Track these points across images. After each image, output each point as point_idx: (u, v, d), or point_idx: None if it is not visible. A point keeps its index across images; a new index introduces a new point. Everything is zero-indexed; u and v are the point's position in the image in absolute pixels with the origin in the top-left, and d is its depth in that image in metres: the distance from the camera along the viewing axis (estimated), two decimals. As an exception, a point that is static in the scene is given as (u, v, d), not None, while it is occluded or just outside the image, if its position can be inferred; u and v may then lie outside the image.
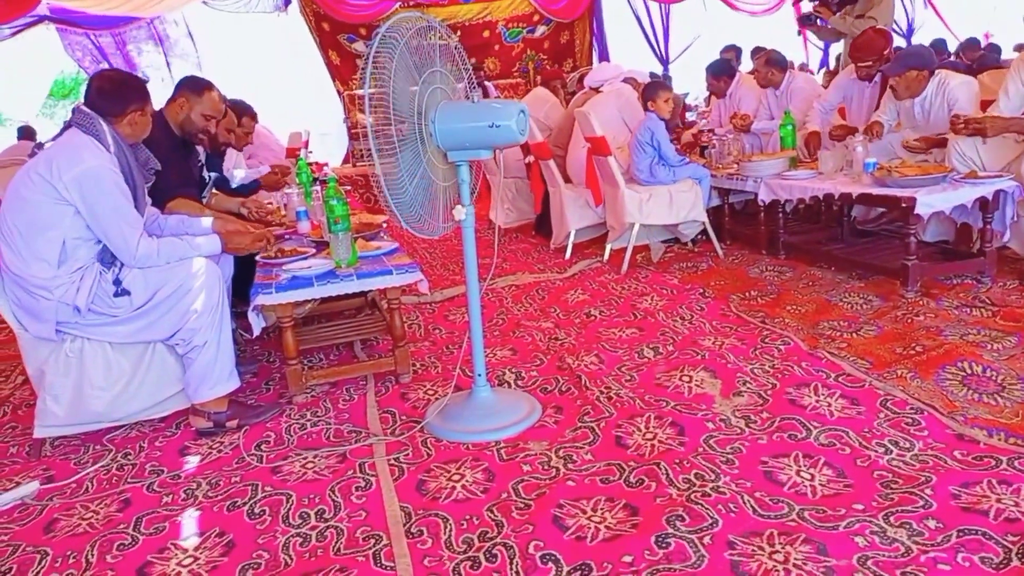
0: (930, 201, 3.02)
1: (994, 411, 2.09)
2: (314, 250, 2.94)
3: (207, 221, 2.66)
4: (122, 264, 2.35)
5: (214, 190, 3.31)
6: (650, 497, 1.83)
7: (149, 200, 2.58)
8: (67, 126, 2.37)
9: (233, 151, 3.93)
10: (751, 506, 1.74)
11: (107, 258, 2.35)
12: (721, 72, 5.11)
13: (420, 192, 2.13)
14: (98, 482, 2.24)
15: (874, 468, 1.86)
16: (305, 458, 2.24)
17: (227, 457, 2.31)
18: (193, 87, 2.91)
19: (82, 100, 2.44)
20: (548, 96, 5.28)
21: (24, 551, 1.88)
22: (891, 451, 1.93)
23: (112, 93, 2.38)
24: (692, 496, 1.81)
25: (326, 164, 5.80)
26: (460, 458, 2.15)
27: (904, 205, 3.05)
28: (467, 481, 2.01)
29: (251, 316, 2.50)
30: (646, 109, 4.11)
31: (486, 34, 9.62)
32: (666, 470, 1.95)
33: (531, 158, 4.82)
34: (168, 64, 8.97)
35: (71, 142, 2.30)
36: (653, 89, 4.17)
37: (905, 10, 10.36)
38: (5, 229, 2.29)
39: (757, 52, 6.52)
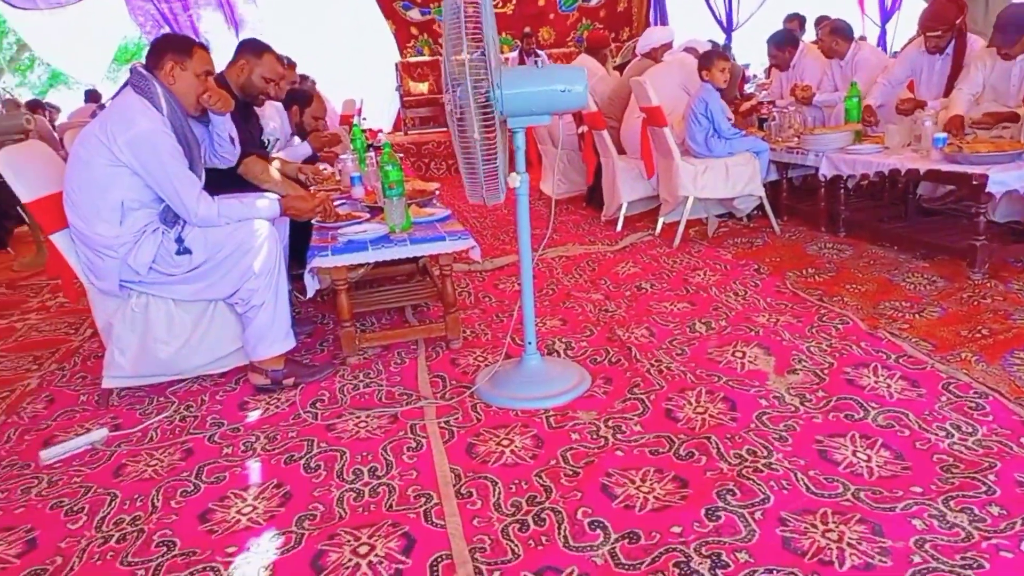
0: (1004, 179, 2.89)
1: (1065, 399, 2.02)
2: (368, 215, 2.97)
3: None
4: (184, 223, 2.41)
5: (279, 154, 3.37)
6: (700, 471, 1.83)
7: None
8: (124, 85, 2.42)
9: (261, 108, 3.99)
10: (804, 484, 1.72)
11: (170, 217, 2.41)
12: (784, 43, 4.93)
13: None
14: (162, 432, 2.33)
15: (934, 452, 1.81)
16: (358, 417, 2.29)
17: (284, 413, 2.38)
18: (253, 50, 2.95)
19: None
20: (596, 66, 5.18)
21: (95, 492, 1.98)
22: (953, 435, 1.88)
23: (154, 47, 2.43)
24: (743, 471, 1.79)
25: (380, 131, 5.83)
26: (509, 424, 2.17)
27: (975, 183, 2.92)
28: (516, 446, 2.03)
29: (307, 278, 2.55)
30: (701, 78, 4.01)
31: (541, 2, 9.49)
32: (717, 444, 1.93)
33: (584, 128, 4.76)
34: (236, 28, 9.08)
35: (124, 103, 2.34)
36: (709, 57, 4.04)
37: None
38: (69, 190, 2.36)
39: (821, 21, 6.27)
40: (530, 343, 2.45)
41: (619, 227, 4.57)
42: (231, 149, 2.67)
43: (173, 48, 2.40)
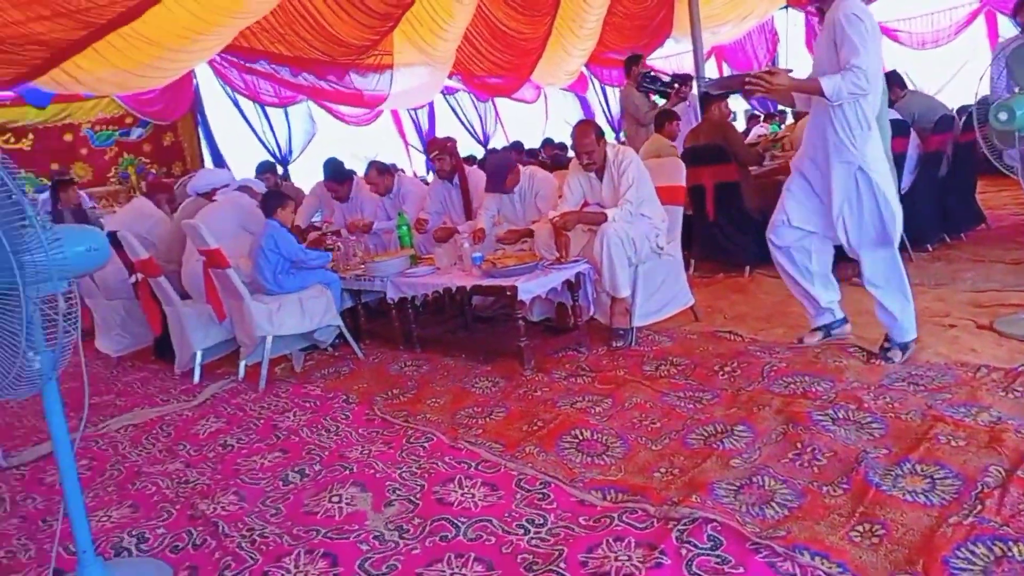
0: (529, 287, 3.44)
1: (604, 470, 2.40)
2: None
3: None
4: None
5: None
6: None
7: None
8: None
9: None
10: (411, 629, 1.70)
11: None
12: (342, 177, 5.25)
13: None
14: None
15: (517, 552, 1.97)
16: None
17: None
18: None
19: None
20: (152, 209, 4.84)
21: None
22: (529, 530, 2.07)
23: None
24: (351, 636, 1.69)
25: None
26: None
27: (508, 293, 3.43)
28: None
29: None
30: (268, 217, 4.03)
31: (68, 137, 8.55)
32: (321, 613, 1.80)
33: (138, 276, 4.32)
34: None
35: None
36: (274, 201, 4.13)
37: (481, 121, 12.22)
38: None
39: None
40: (84, 552, 2.02)
41: (196, 378, 4.19)
42: None
43: None
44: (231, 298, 4.01)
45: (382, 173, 4.96)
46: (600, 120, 12.33)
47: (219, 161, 9.47)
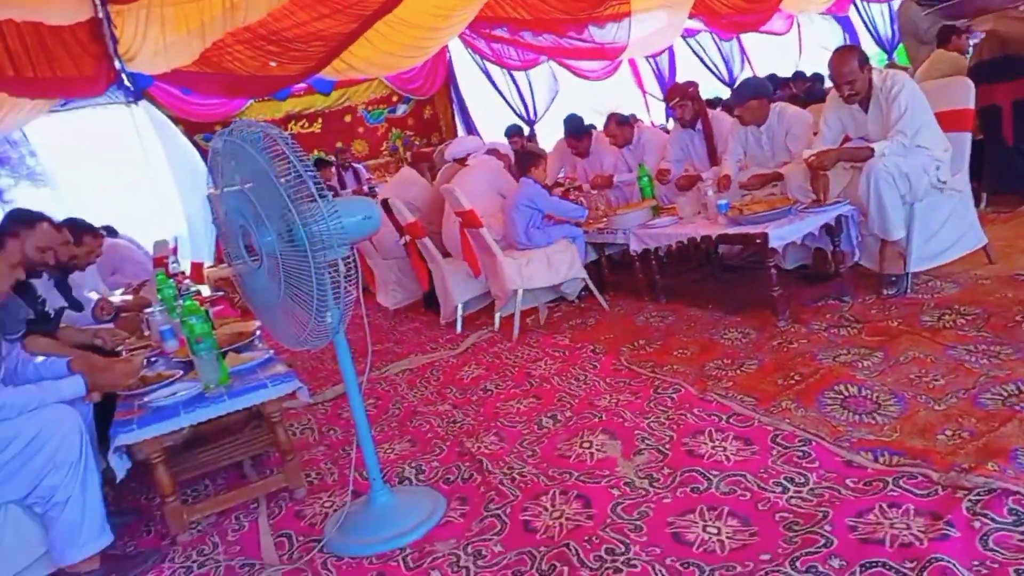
0: (781, 234, 3.21)
1: (875, 430, 2.19)
2: (182, 371, 2.74)
3: (63, 361, 2.44)
4: None
5: (62, 324, 3.05)
6: (564, 584, 1.77)
7: (16, 347, 2.37)
8: None
9: (83, 273, 3.69)
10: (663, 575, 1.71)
11: None
12: (581, 133, 5.32)
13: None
14: None
15: (775, 510, 1.88)
16: (193, 609, 2.03)
17: (103, 624, 2.06)
18: (21, 221, 2.71)
19: None
20: (416, 177, 5.31)
21: None
22: (788, 489, 1.97)
23: None
24: (604, 575, 1.76)
25: (186, 278, 5.50)
26: (363, 575, 2.02)
27: (758, 241, 3.22)
28: (373, 602, 1.88)
29: (112, 460, 2.28)
30: (525, 175, 4.24)
31: (348, 118, 9.68)
32: (576, 550, 1.89)
33: (407, 238, 4.79)
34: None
35: None
36: (527, 160, 4.33)
37: (726, 61, 11.45)
38: None
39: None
40: (375, 479, 2.32)
41: (459, 328, 4.57)
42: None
43: None
44: (485, 255, 4.29)
45: (621, 125, 4.91)
46: (866, 45, 10.96)
47: (471, 128, 10.09)
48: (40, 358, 2.47)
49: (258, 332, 3.16)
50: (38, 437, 2.13)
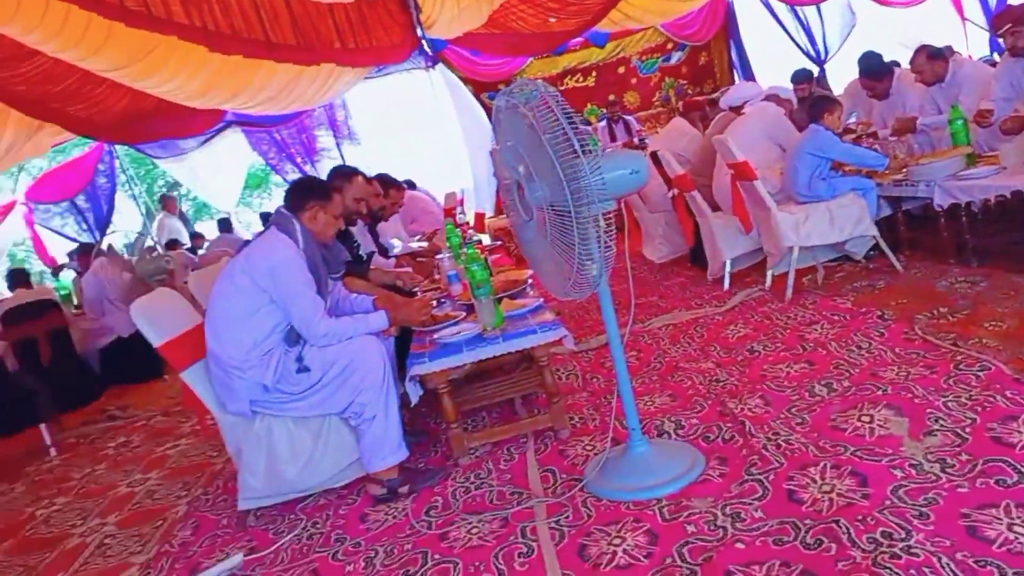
0: None
1: None
2: (464, 313, 3.05)
3: (370, 299, 2.87)
4: (304, 343, 2.59)
5: (372, 266, 3.55)
6: (830, 561, 1.67)
7: (338, 284, 2.87)
8: (268, 225, 2.70)
9: (387, 223, 4.23)
10: (951, 570, 1.53)
11: (291, 338, 2.60)
12: (880, 73, 4.70)
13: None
14: (292, 552, 2.43)
15: (1110, 520, 1.58)
16: (470, 523, 2.29)
17: (400, 524, 2.42)
18: (342, 176, 3.17)
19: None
20: (687, 128, 5.16)
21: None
22: None
23: (296, 193, 2.71)
24: (879, 559, 1.63)
25: (470, 227, 6.00)
26: (621, 519, 2.10)
27: (1119, 194, 2.62)
28: (628, 545, 1.95)
29: (408, 386, 2.63)
30: (818, 122, 3.90)
31: (621, 70, 9.68)
32: (847, 528, 1.77)
33: (675, 191, 4.70)
34: (339, 146, 9.75)
35: (267, 238, 2.64)
36: (821, 106, 3.96)
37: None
38: (213, 316, 2.64)
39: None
40: (634, 429, 2.38)
41: (726, 285, 4.42)
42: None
43: (316, 195, 2.69)
44: (758, 209, 4.06)
45: (933, 58, 4.23)
46: None
47: (748, 75, 9.48)
48: (354, 295, 2.92)
49: (530, 280, 3.37)
50: (352, 363, 2.55)
